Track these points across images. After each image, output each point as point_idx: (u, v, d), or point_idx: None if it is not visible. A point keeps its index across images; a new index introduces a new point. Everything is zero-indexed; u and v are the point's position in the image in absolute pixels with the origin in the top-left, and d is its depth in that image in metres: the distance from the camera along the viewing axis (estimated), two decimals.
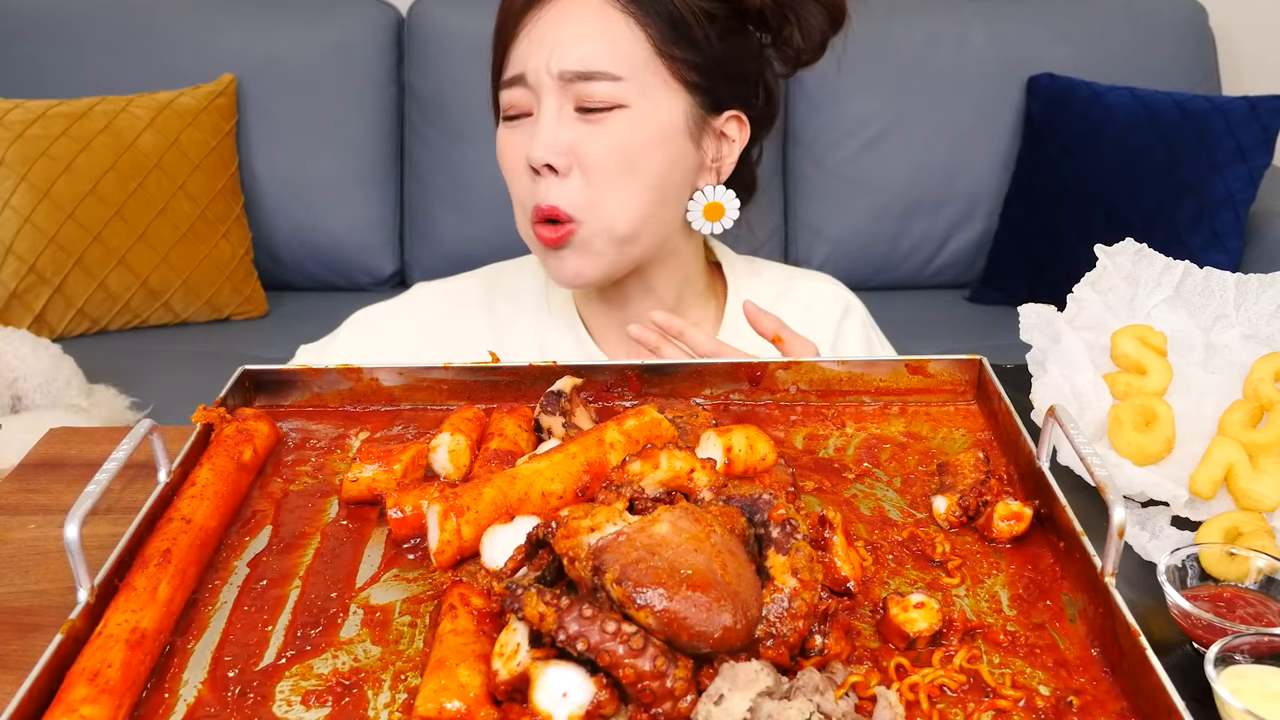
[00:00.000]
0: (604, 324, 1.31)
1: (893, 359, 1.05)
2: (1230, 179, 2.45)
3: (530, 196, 1.16)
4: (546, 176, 1.14)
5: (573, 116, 1.14)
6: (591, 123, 1.14)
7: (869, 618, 0.77)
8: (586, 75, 1.12)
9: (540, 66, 1.13)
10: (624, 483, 0.78)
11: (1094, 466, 0.77)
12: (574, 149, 1.14)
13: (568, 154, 1.14)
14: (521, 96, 1.16)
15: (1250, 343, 1.05)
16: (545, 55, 1.13)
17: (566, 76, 1.13)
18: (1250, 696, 0.67)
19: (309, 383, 1.05)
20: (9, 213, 2.38)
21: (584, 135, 1.14)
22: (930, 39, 2.71)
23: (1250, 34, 2.90)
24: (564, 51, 1.12)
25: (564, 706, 0.64)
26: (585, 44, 1.13)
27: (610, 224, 1.16)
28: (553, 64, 1.13)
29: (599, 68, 1.12)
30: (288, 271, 2.75)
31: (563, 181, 1.14)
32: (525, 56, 1.14)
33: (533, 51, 1.14)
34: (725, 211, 1.22)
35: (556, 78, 1.13)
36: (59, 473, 1.03)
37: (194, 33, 2.69)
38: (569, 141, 1.13)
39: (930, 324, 2.62)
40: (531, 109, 1.16)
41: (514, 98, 1.17)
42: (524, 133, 1.16)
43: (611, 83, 1.13)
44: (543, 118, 1.14)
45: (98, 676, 0.68)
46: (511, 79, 1.16)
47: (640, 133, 1.14)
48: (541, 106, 1.14)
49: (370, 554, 0.84)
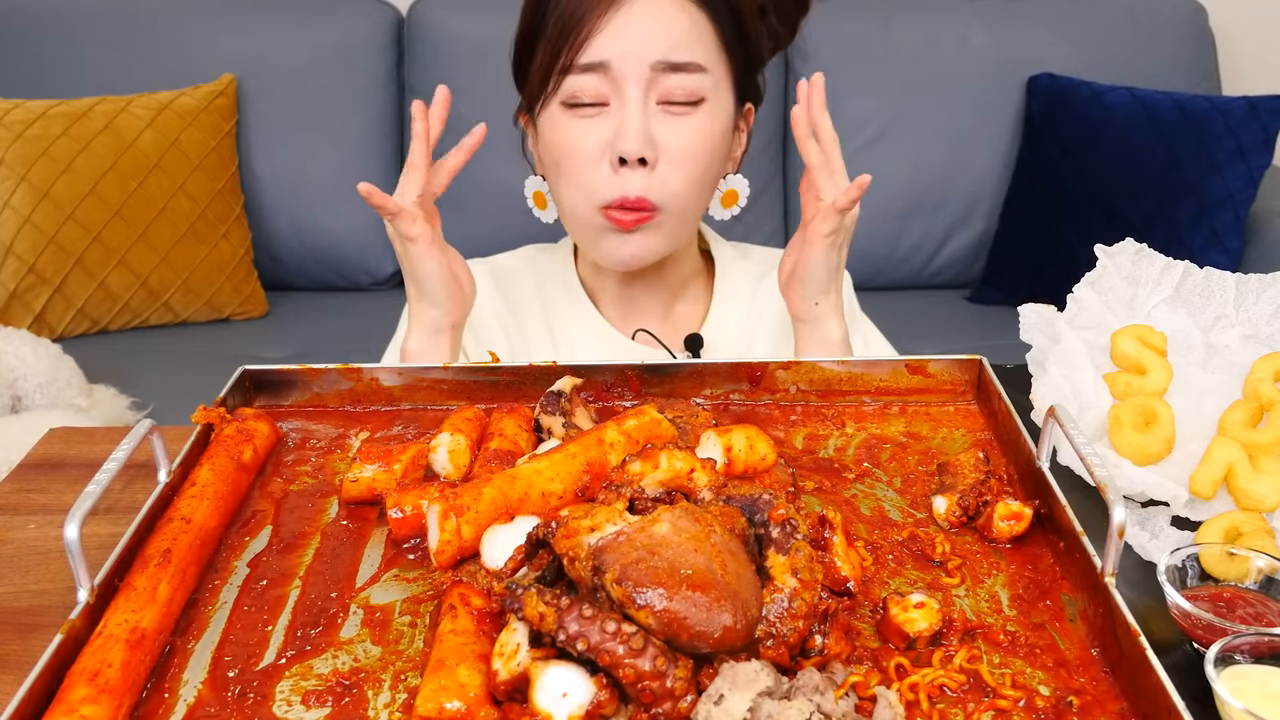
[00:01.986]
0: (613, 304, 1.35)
1: (893, 359, 1.05)
2: (1230, 179, 2.45)
3: (611, 188, 1.17)
4: (634, 169, 1.16)
5: (656, 110, 1.16)
6: (676, 115, 1.16)
7: (869, 618, 0.77)
8: (678, 66, 1.14)
9: (630, 54, 1.13)
10: (624, 483, 0.78)
11: (1094, 466, 0.77)
12: (659, 141, 1.16)
13: (655, 146, 1.16)
14: (597, 85, 1.15)
15: (1250, 343, 1.05)
16: (635, 44, 1.13)
17: (659, 67, 1.14)
18: (1250, 696, 0.67)
19: (309, 383, 1.05)
20: (9, 213, 2.38)
21: (670, 128, 1.16)
22: (930, 39, 2.71)
23: (1250, 34, 2.90)
24: (656, 41, 1.13)
25: (564, 706, 0.64)
26: (676, 34, 1.14)
27: (683, 213, 1.21)
28: (645, 53, 1.13)
29: (690, 58, 1.15)
30: (288, 271, 2.75)
31: (649, 173, 1.16)
32: (610, 43, 1.13)
33: (621, 39, 1.13)
34: (739, 199, 1.30)
35: (649, 67, 1.14)
36: (59, 473, 1.03)
37: (194, 33, 2.69)
38: (657, 134, 1.15)
39: (930, 324, 2.62)
40: (607, 99, 1.15)
41: (587, 84, 1.15)
42: (600, 123, 1.16)
43: (698, 74, 1.16)
44: (630, 109, 1.14)
45: (98, 676, 0.68)
46: (589, 65, 1.14)
47: (715, 126, 1.19)
48: (627, 97, 1.14)
49: (370, 554, 0.84)
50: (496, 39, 1.23)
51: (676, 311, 1.36)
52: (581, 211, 1.21)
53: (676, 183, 1.18)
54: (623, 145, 1.14)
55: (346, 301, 2.75)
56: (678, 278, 1.35)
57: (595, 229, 1.21)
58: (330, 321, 2.64)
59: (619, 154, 1.15)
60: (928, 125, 2.70)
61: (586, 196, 1.19)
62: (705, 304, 1.37)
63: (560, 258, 1.38)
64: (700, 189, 1.21)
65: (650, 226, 1.19)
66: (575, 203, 1.21)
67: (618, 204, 1.17)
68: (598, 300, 1.36)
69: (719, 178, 1.25)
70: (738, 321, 1.35)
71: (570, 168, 1.19)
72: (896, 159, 2.71)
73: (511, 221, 1.23)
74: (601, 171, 1.17)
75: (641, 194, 1.16)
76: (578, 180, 1.19)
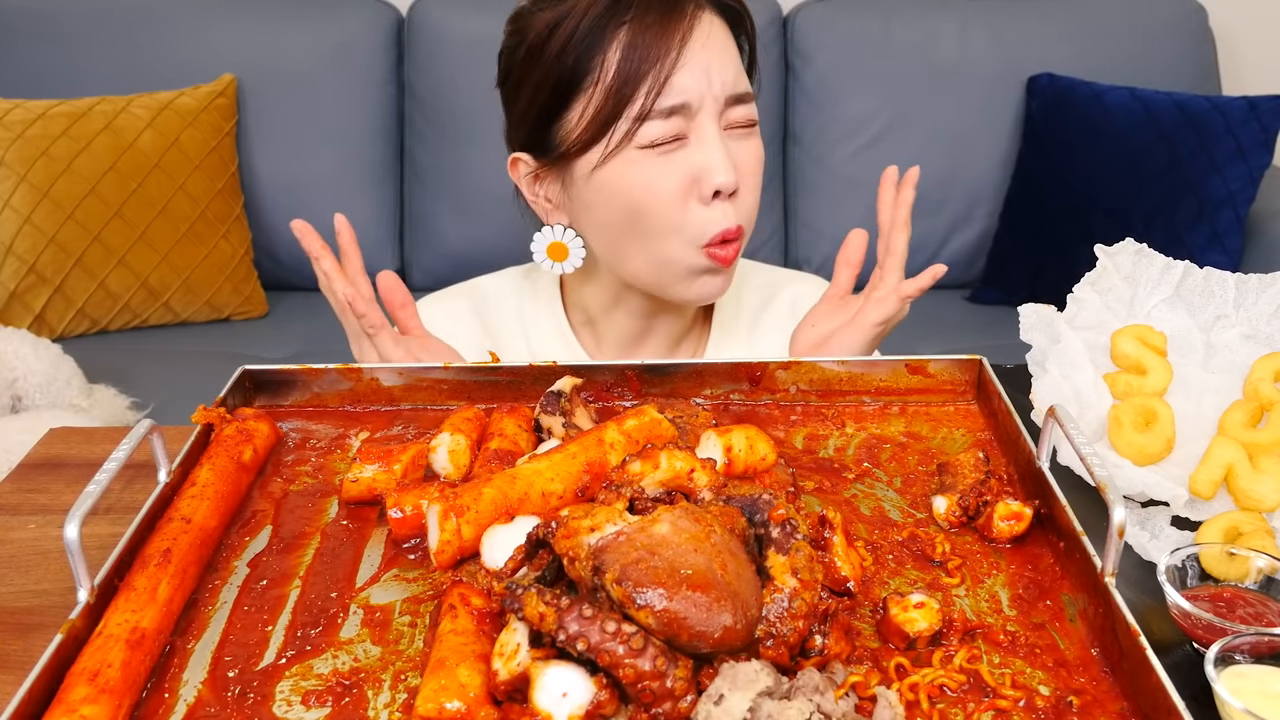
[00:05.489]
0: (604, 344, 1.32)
1: (893, 359, 1.05)
2: (1230, 179, 2.45)
3: (710, 223, 1.15)
4: (725, 200, 1.15)
5: (724, 136, 1.16)
6: (740, 138, 1.17)
7: (869, 618, 0.77)
8: (741, 97, 1.16)
9: (704, 94, 1.13)
10: (624, 483, 0.78)
11: (1094, 466, 0.77)
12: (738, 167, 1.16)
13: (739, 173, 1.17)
14: (678, 125, 1.13)
15: (1250, 343, 1.05)
16: (708, 80, 1.13)
17: (730, 100, 1.15)
18: (1250, 696, 0.67)
19: (309, 383, 1.05)
20: (9, 213, 2.38)
21: (741, 153, 1.17)
22: (930, 39, 2.70)
23: (1250, 34, 2.90)
24: (724, 75, 1.14)
25: (564, 706, 0.64)
26: (733, 65, 1.16)
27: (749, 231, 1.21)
28: (718, 90, 1.13)
29: (748, 88, 1.18)
30: (288, 271, 2.74)
31: (735, 201, 1.16)
32: (689, 85, 1.12)
33: (697, 78, 1.12)
34: None
35: (722, 102, 1.14)
36: (59, 473, 1.03)
37: (194, 33, 2.69)
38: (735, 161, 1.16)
39: (930, 324, 2.61)
40: (685, 133, 1.14)
41: (669, 127, 1.13)
42: (679, 161, 1.14)
43: (752, 101, 1.19)
44: (712, 142, 1.14)
45: (98, 676, 0.68)
46: (674, 108, 1.12)
47: (761, 147, 1.21)
48: (704, 131, 1.14)
49: (370, 554, 0.84)
50: (497, 39, 1.21)
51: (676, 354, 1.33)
52: (678, 255, 1.17)
53: (752, 204, 1.19)
54: (717, 179, 1.13)
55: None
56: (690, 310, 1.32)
57: (694, 271, 1.18)
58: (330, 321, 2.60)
59: (714, 188, 1.13)
60: (928, 125, 2.70)
61: (686, 238, 1.15)
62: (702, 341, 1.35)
63: (546, 294, 1.34)
64: None
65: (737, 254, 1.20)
66: (670, 248, 1.16)
67: (720, 239, 1.15)
68: (584, 338, 1.33)
69: None
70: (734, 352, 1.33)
71: (660, 210, 1.15)
72: (896, 159, 2.68)
73: (511, 221, 1.22)
74: (694, 208, 1.15)
75: (738, 222, 1.17)
76: (669, 222, 1.15)
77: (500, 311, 1.35)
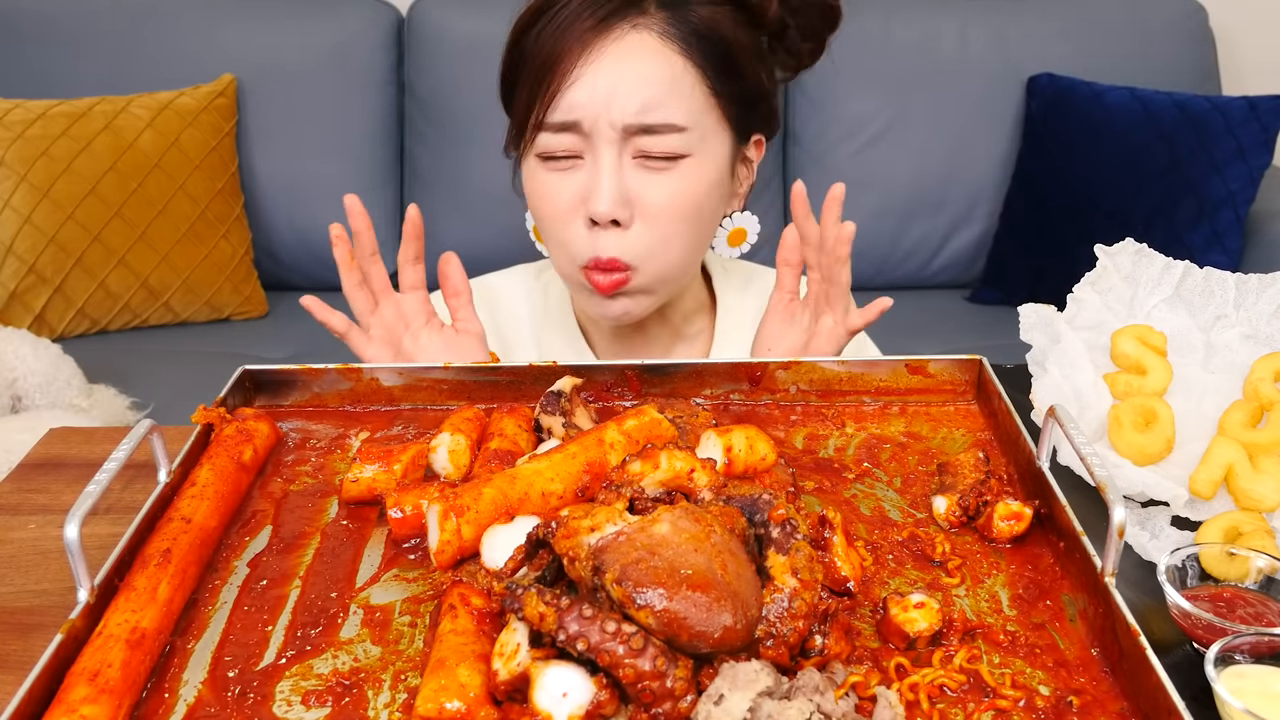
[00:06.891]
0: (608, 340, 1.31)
1: (893, 359, 1.05)
2: (1230, 179, 2.45)
3: (585, 247, 1.11)
4: (607, 229, 1.10)
5: (632, 165, 1.09)
6: (653, 170, 1.10)
7: (869, 618, 0.77)
8: (650, 128, 1.07)
9: (599, 116, 1.07)
10: (624, 483, 0.78)
11: (1094, 466, 0.76)
12: (635, 199, 1.10)
13: (629, 205, 1.10)
14: (571, 142, 1.09)
15: (1250, 343, 1.05)
16: (605, 105, 1.06)
17: (630, 130, 1.07)
18: (1250, 696, 0.67)
19: (309, 383, 1.05)
20: (9, 213, 2.38)
21: (645, 184, 1.09)
22: (930, 39, 2.71)
23: (1250, 34, 2.90)
24: (626, 101, 1.06)
25: (564, 706, 0.64)
26: (647, 92, 1.06)
27: (666, 269, 1.14)
28: (615, 116, 1.06)
29: (664, 120, 1.07)
30: (288, 271, 2.75)
31: (623, 233, 1.10)
32: (581, 103, 1.07)
33: (590, 99, 1.06)
34: (747, 236, 1.27)
35: (620, 130, 1.07)
36: (59, 473, 1.03)
37: (194, 33, 2.69)
38: (631, 192, 1.09)
39: (930, 324, 2.61)
40: (581, 152, 1.10)
41: (561, 142, 1.09)
42: (573, 179, 1.10)
43: (676, 134, 1.08)
44: (603, 170, 1.08)
45: (98, 676, 0.68)
46: (562, 125, 1.08)
47: (701, 180, 1.12)
48: (600, 157, 1.08)
49: (370, 554, 0.84)
50: (497, 39, 1.21)
51: (677, 352, 1.32)
52: (567, 270, 1.17)
53: (652, 242, 1.11)
54: (593, 207, 1.08)
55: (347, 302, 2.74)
56: (679, 315, 1.30)
57: (578, 285, 1.17)
58: None
59: (590, 215, 1.10)
60: (928, 125, 2.70)
61: (567, 255, 1.14)
62: (707, 340, 1.33)
63: (556, 290, 1.33)
64: (684, 245, 1.14)
65: (632, 288, 1.14)
66: (557, 258, 1.17)
67: (592, 264, 1.12)
68: (592, 337, 1.31)
69: (713, 226, 1.19)
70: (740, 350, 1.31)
71: (549, 223, 1.14)
72: (896, 159, 2.71)
73: (511, 222, 1.22)
74: (577, 228, 1.11)
75: (615, 255, 1.10)
76: (556, 236, 1.14)
77: (509, 308, 1.34)
